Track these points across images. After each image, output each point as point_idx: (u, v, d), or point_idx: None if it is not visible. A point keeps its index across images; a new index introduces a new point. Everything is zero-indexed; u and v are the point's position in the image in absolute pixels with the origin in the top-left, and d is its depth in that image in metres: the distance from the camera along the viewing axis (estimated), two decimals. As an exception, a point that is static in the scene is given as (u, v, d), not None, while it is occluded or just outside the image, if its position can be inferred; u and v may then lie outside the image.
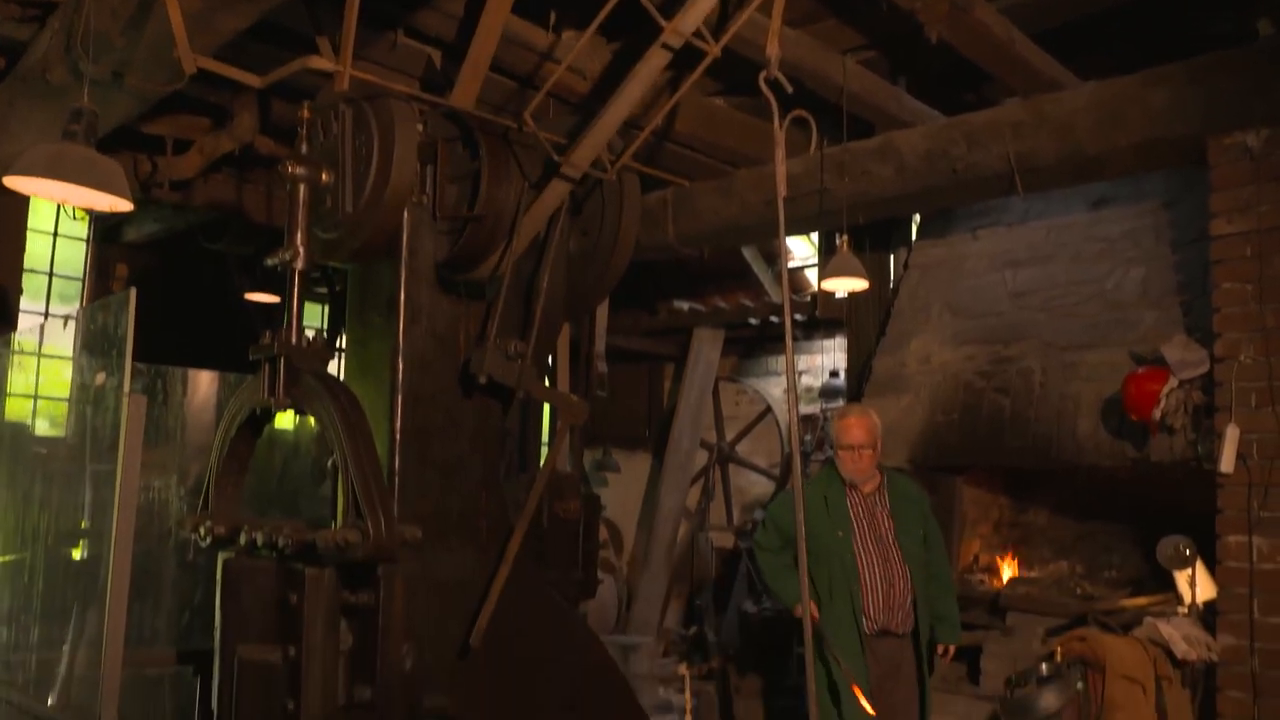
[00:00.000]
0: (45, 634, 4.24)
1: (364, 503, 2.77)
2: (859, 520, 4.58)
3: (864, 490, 4.59)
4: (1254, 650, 4.19)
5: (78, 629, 4.23)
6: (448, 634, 3.21)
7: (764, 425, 8.87)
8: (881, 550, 4.53)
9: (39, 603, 4.24)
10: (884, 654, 4.48)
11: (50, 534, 4.25)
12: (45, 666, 4.25)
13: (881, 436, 4.64)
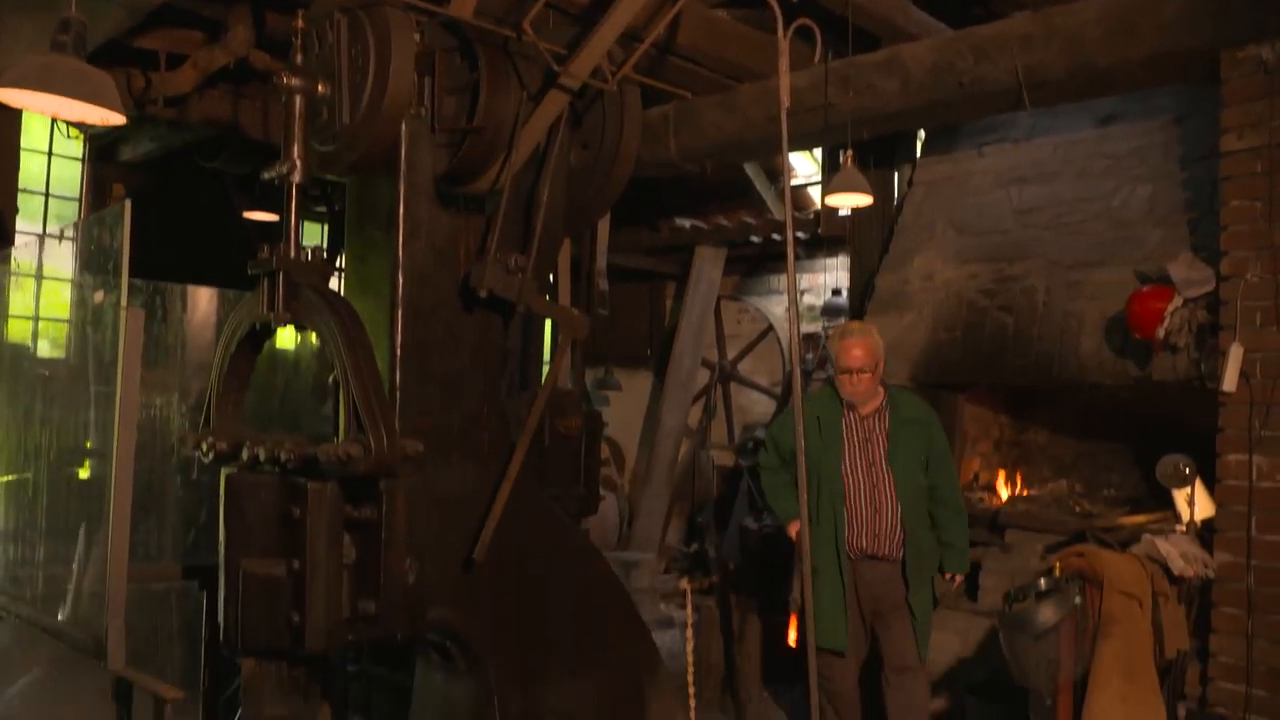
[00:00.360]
0: (52, 552, 4.28)
1: (365, 416, 2.77)
2: (851, 443, 4.54)
3: (862, 412, 4.53)
4: (1250, 567, 4.22)
5: (86, 547, 4.26)
6: (451, 548, 3.23)
7: (765, 344, 8.87)
8: (871, 475, 4.49)
9: (44, 521, 4.27)
10: (872, 579, 4.48)
11: (54, 454, 4.27)
12: (53, 583, 4.29)
13: (884, 356, 4.54)
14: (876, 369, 4.48)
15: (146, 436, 4.37)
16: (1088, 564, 3.85)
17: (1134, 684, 3.78)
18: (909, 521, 4.45)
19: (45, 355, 5.47)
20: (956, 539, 4.53)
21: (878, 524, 4.45)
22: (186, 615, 4.43)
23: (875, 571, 4.47)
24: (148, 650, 4.20)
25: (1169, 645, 4.01)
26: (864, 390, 4.46)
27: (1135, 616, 3.83)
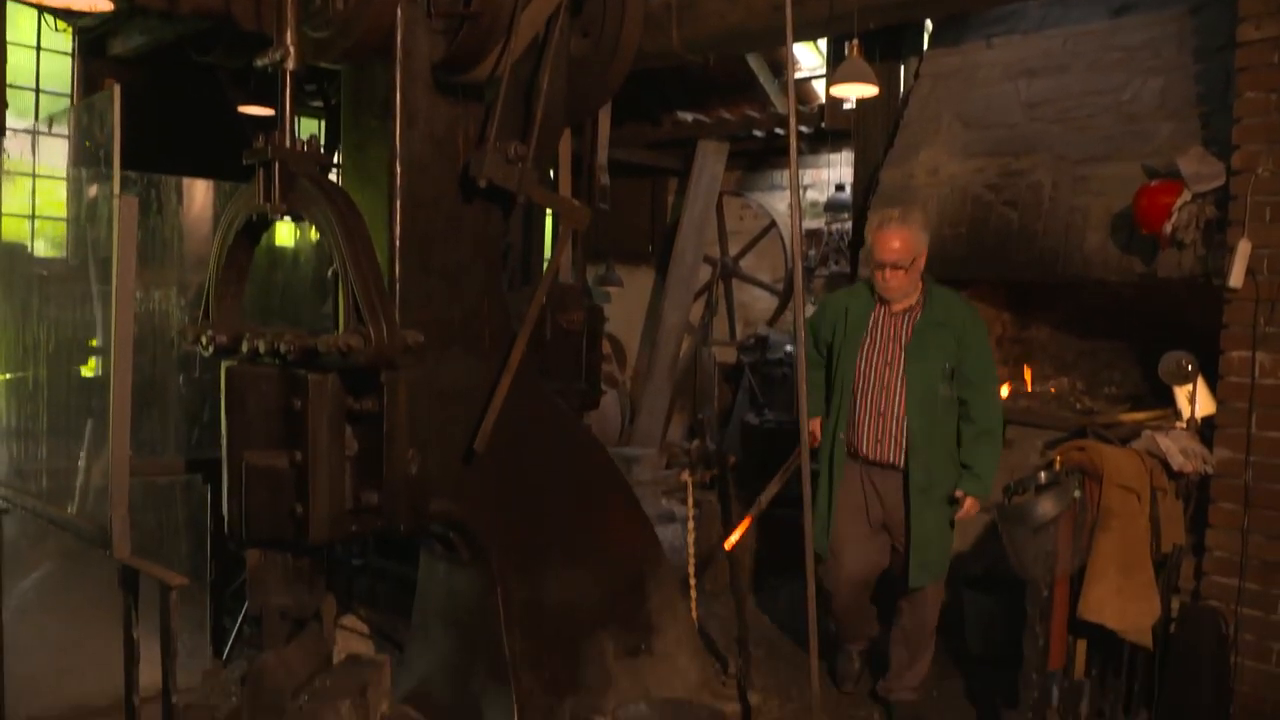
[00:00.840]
0: (56, 449, 4.29)
1: (364, 307, 2.75)
2: (873, 339, 4.25)
3: (894, 309, 4.23)
4: (1249, 464, 4.24)
5: (92, 443, 4.28)
6: (453, 440, 3.24)
7: (768, 240, 8.80)
8: (885, 376, 4.19)
9: (48, 418, 4.27)
10: (882, 486, 4.26)
11: (56, 351, 4.26)
12: (57, 477, 4.31)
13: (925, 249, 4.19)
14: (914, 265, 4.13)
15: (146, 331, 4.35)
16: (1088, 458, 3.85)
17: (1130, 577, 3.81)
18: (916, 433, 4.15)
19: (43, 255, 5.42)
20: (978, 463, 4.17)
21: (881, 428, 4.20)
22: (191, 509, 4.47)
23: (884, 480, 4.25)
24: (153, 544, 4.24)
25: (1165, 540, 4.04)
26: (897, 287, 4.15)
27: (1133, 511, 3.85)
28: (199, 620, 4.32)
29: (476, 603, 3.56)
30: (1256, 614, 4.22)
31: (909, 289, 4.18)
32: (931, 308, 4.21)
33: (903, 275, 4.10)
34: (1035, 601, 3.65)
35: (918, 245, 4.11)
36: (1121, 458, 3.92)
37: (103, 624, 2.74)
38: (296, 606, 3.11)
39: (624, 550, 3.86)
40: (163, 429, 4.56)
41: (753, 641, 4.53)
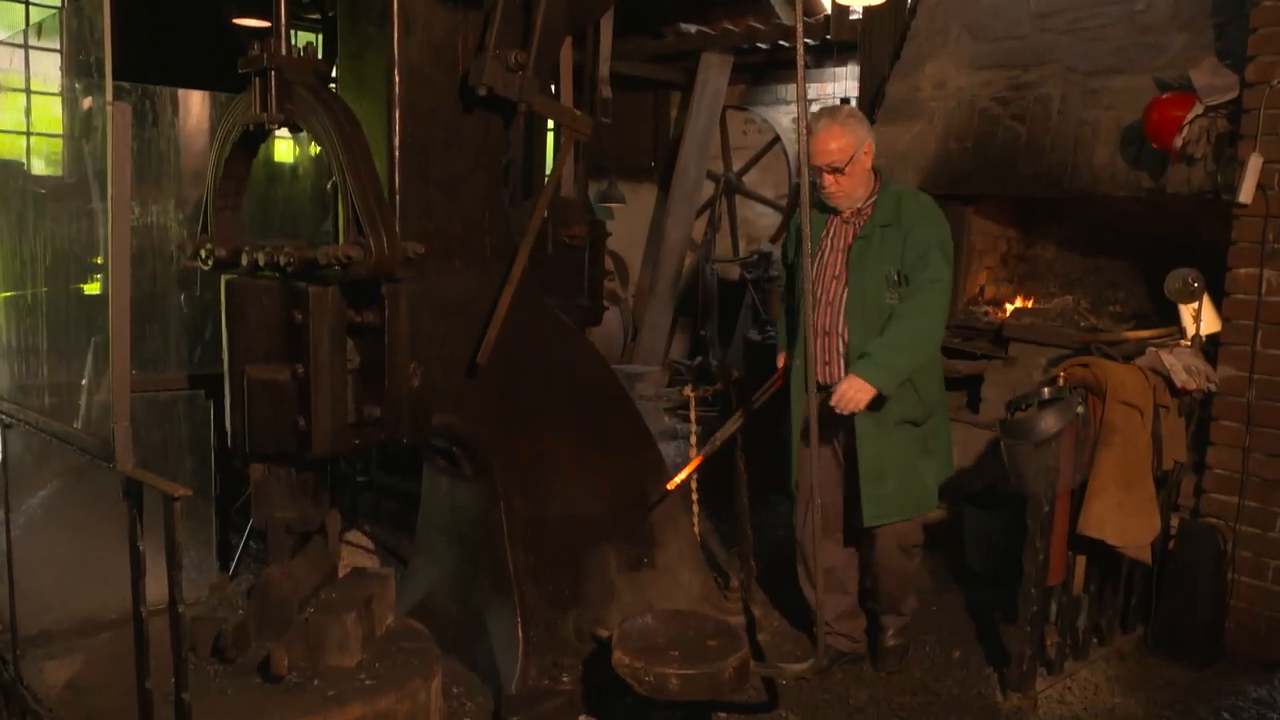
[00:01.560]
0: (58, 366, 4.28)
1: (364, 218, 2.71)
2: (823, 252, 3.86)
3: (844, 216, 3.84)
4: (1252, 381, 4.23)
5: (97, 362, 4.26)
6: (455, 354, 3.22)
7: (772, 155, 8.70)
8: (833, 290, 3.80)
9: (49, 336, 4.26)
10: (830, 410, 3.64)
11: (57, 270, 4.22)
12: (58, 392, 4.31)
13: (867, 148, 3.76)
14: (854, 165, 3.71)
15: (145, 246, 4.31)
16: (1091, 374, 3.84)
17: (1131, 493, 3.83)
18: (857, 350, 3.70)
19: (40, 173, 5.36)
20: (880, 351, 3.59)
21: (828, 348, 3.81)
22: (194, 425, 4.46)
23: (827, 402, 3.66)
24: (157, 461, 4.25)
25: (1167, 457, 4.05)
26: (838, 192, 3.75)
27: (1136, 427, 3.85)
28: (205, 537, 4.34)
29: (480, 517, 3.57)
30: (1255, 531, 4.25)
31: (854, 192, 3.77)
32: (880, 209, 3.78)
33: (843, 179, 3.72)
34: (1036, 517, 3.67)
35: (855, 143, 3.70)
36: (1125, 374, 3.90)
37: (110, 539, 2.75)
38: (301, 520, 3.11)
39: (627, 465, 3.86)
40: (164, 345, 4.54)
41: (754, 556, 4.56)
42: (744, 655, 3.33)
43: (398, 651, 3.21)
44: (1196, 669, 4.11)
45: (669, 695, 3.15)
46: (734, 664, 3.29)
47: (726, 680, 3.27)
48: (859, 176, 3.76)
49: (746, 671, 3.37)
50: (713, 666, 3.24)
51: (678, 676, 3.19)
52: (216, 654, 3.01)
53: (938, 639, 4.23)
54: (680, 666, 3.20)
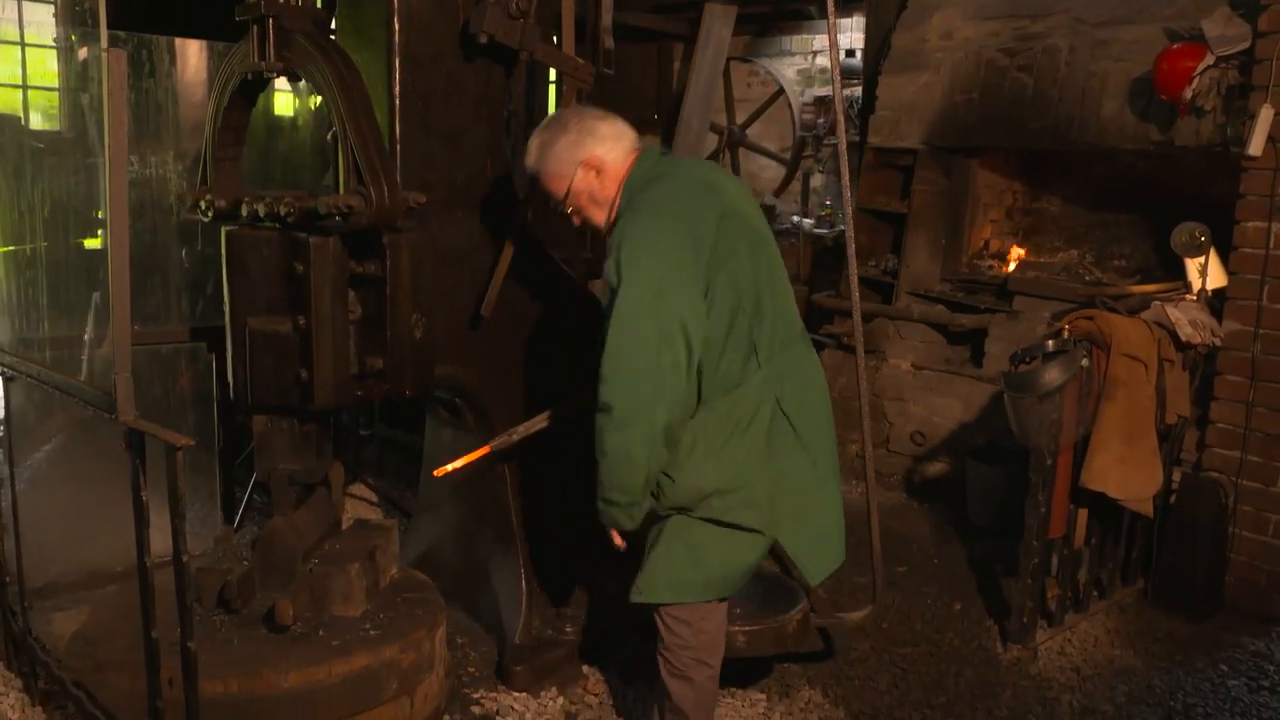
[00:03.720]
0: (59, 320, 4.27)
1: (364, 168, 2.69)
2: None
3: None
4: (1257, 336, 4.22)
5: (98, 315, 4.25)
6: (458, 305, 3.21)
7: (776, 108, 8.62)
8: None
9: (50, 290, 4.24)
10: None
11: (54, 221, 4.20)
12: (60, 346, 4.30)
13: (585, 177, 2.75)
14: (578, 183, 2.75)
15: (144, 198, 4.28)
16: (1096, 327, 3.82)
17: (1133, 446, 3.82)
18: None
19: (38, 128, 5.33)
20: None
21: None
22: (197, 379, 4.46)
23: None
24: (160, 415, 4.25)
25: (1170, 411, 4.04)
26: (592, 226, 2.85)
27: (1140, 380, 3.84)
28: (209, 490, 4.35)
29: (483, 469, 3.57)
30: (1256, 486, 4.25)
31: (595, 223, 2.82)
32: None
33: (575, 217, 2.83)
34: (1038, 469, 3.67)
35: (567, 175, 2.75)
36: (1130, 327, 3.89)
37: (114, 493, 2.75)
38: (304, 472, 3.12)
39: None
40: (165, 299, 4.52)
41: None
42: (805, 607, 3.36)
43: (402, 602, 3.23)
44: (1195, 622, 4.13)
45: (736, 652, 3.12)
46: (797, 617, 3.31)
47: (791, 633, 3.29)
48: (589, 206, 2.79)
49: (809, 624, 3.39)
50: (777, 621, 3.26)
51: (744, 634, 3.19)
52: (222, 605, 3.03)
53: (939, 591, 4.25)
54: (744, 623, 3.21)
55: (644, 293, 2.50)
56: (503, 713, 3.30)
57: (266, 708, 2.79)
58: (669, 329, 2.50)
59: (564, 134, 2.74)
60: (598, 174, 2.73)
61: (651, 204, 2.62)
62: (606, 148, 2.74)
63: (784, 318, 2.76)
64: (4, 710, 3.24)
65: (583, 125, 2.76)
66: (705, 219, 2.60)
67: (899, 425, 5.79)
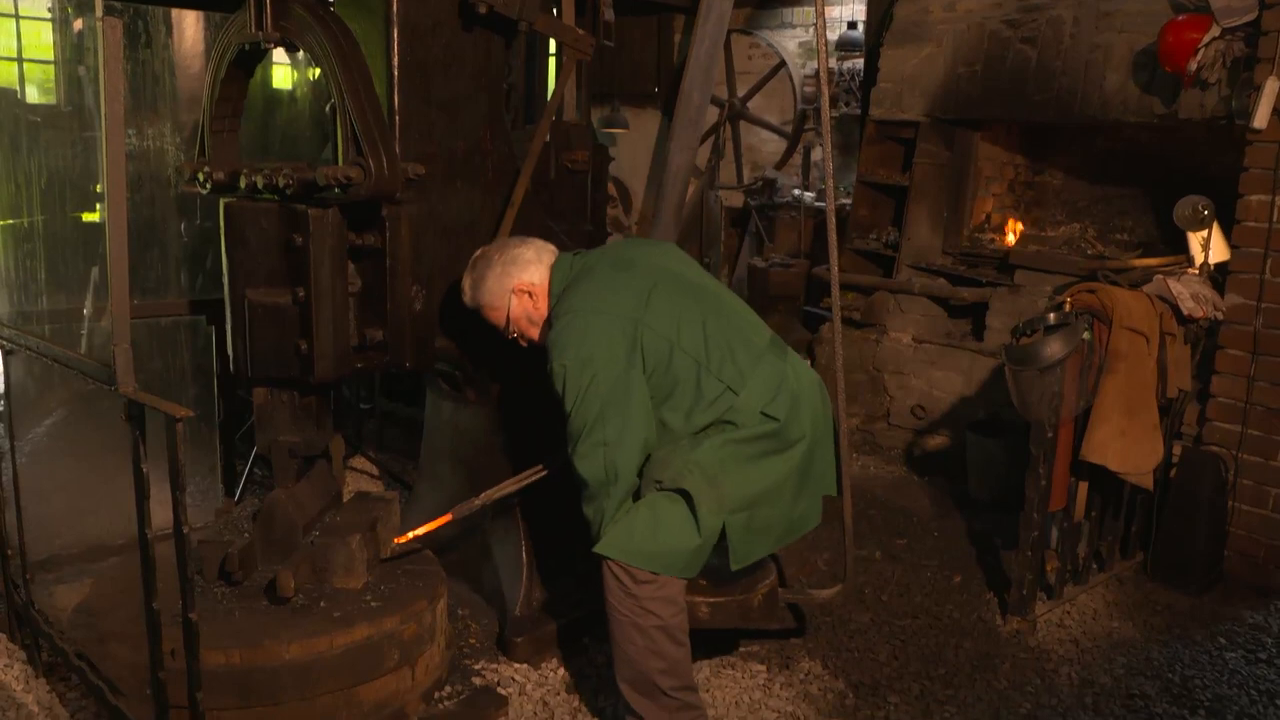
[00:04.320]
0: (57, 293, 4.27)
1: (363, 139, 2.67)
2: None
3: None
4: (1260, 310, 4.21)
5: (98, 288, 4.25)
6: (458, 277, 3.20)
7: (777, 80, 8.57)
8: None
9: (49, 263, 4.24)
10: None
11: (55, 197, 4.19)
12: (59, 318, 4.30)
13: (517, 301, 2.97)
14: (515, 308, 2.98)
15: (142, 170, 4.27)
16: (1098, 300, 3.81)
17: (1134, 420, 3.82)
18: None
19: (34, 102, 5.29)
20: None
21: None
22: (196, 353, 4.46)
23: None
24: (160, 386, 4.25)
25: (1171, 385, 4.03)
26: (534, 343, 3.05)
27: (1141, 354, 3.83)
28: (209, 464, 4.36)
29: (483, 441, 3.58)
30: (1257, 460, 4.25)
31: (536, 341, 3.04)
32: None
33: (520, 340, 3.08)
34: (1039, 442, 3.67)
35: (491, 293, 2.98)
36: (1132, 301, 3.88)
37: (115, 466, 2.76)
38: (305, 444, 3.12)
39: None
40: (164, 272, 4.52)
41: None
42: (773, 582, 3.35)
43: (403, 574, 3.23)
44: (1194, 595, 4.14)
45: (698, 623, 3.12)
46: (763, 591, 3.30)
47: (756, 607, 3.28)
48: (528, 327, 3.02)
49: (776, 599, 3.38)
50: (742, 594, 3.25)
51: (707, 604, 3.19)
52: (223, 577, 3.04)
53: (939, 564, 4.26)
54: (709, 594, 3.21)
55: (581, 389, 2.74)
56: (504, 684, 3.32)
57: (268, 678, 2.80)
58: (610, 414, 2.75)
59: (489, 269, 2.97)
60: (530, 296, 2.97)
61: (571, 307, 2.84)
62: (530, 271, 2.96)
63: (744, 345, 2.90)
64: (8, 682, 3.25)
65: (505, 255, 2.97)
66: (624, 301, 2.82)
67: (899, 399, 5.79)
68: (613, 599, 2.84)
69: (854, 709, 3.29)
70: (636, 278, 2.88)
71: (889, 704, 3.32)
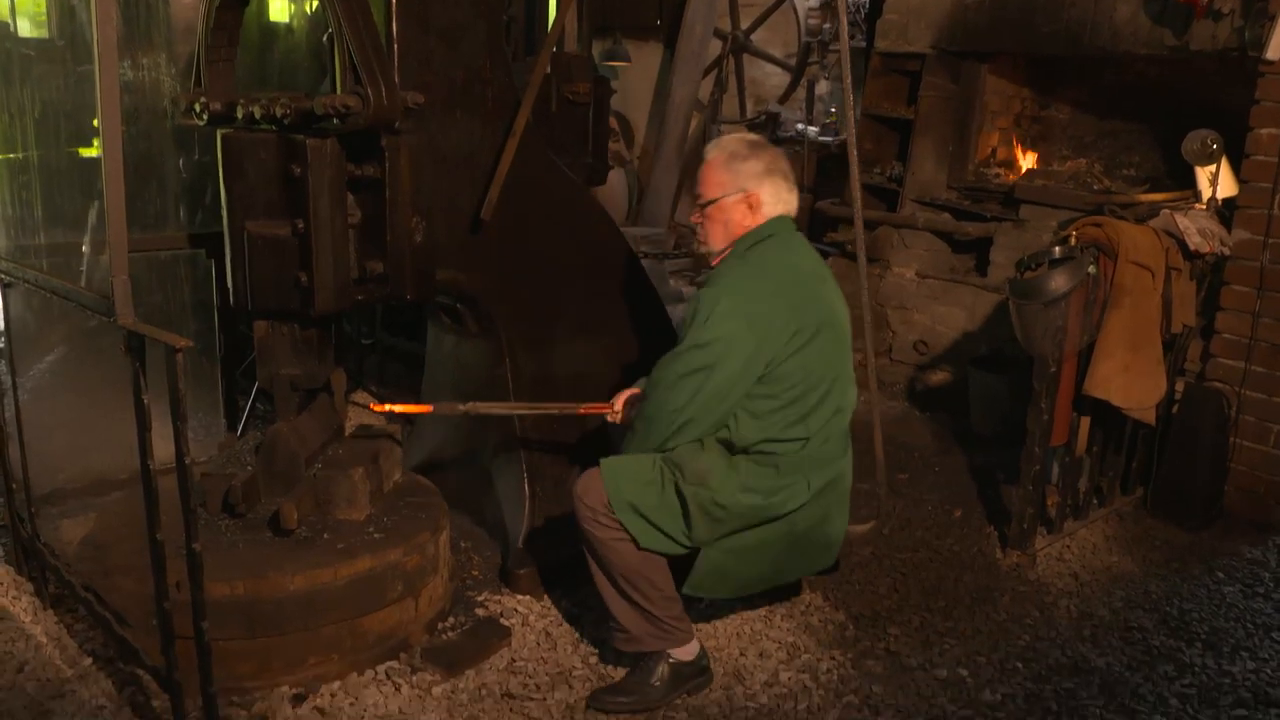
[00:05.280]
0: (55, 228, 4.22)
1: (361, 67, 2.63)
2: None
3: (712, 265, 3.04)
4: (1267, 245, 4.18)
5: (96, 223, 4.21)
6: (458, 208, 3.17)
7: (781, 13, 8.45)
8: None
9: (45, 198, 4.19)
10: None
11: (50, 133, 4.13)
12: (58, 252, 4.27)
13: (746, 199, 2.90)
14: (729, 203, 2.90)
15: (137, 101, 4.21)
16: (1104, 234, 3.78)
17: (1138, 355, 3.81)
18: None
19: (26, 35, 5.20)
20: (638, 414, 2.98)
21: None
22: (196, 287, 4.43)
23: None
24: (161, 321, 4.22)
25: (1176, 320, 4.01)
26: (700, 235, 3.00)
27: (1146, 288, 3.80)
28: (211, 400, 4.35)
29: (485, 374, 3.57)
30: (1259, 396, 4.25)
31: (710, 240, 2.98)
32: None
33: (705, 221, 2.97)
34: (1042, 377, 3.66)
35: (730, 187, 2.91)
36: (1138, 235, 3.84)
37: (118, 402, 2.75)
38: (306, 377, 3.11)
39: (633, 323, 3.84)
40: (162, 206, 4.47)
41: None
42: None
43: (406, 506, 3.25)
44: (1194, 530, 4.16)
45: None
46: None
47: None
48: (720, 226, 2.95)
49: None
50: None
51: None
52: (227, 509, 3.05)
53: (939, 499, 4.27)
54: None
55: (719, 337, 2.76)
56: (506, 615, 3.34)
57: (272, 609, 2.83)
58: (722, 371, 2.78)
59: (758, 160, 2.91)
60: (749, 209, 2.91)
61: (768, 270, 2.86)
62: (773, 201, 2.92)
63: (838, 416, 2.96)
64: (16, 614, 3.28)
65: (775, 166, 2.93)
66: (809, 312, 2.86)
67: (902, 334, 5.78)
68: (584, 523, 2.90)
69: (854, 640, 3.32)
70: (823, 307, 2.92)
71: (889, 635, 3.35)
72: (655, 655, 2.96)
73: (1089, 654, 3.30)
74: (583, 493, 2.88)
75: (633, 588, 2.88)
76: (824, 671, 3.15)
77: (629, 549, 2.85)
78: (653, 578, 2.88)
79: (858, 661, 3.21)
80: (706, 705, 2.97)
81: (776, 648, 3.26)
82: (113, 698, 2.88)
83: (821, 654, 3.23)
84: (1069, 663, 3.26)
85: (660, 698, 2.94)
